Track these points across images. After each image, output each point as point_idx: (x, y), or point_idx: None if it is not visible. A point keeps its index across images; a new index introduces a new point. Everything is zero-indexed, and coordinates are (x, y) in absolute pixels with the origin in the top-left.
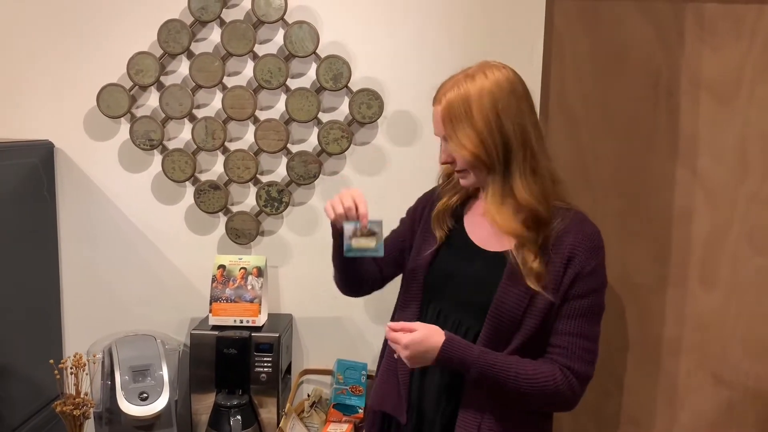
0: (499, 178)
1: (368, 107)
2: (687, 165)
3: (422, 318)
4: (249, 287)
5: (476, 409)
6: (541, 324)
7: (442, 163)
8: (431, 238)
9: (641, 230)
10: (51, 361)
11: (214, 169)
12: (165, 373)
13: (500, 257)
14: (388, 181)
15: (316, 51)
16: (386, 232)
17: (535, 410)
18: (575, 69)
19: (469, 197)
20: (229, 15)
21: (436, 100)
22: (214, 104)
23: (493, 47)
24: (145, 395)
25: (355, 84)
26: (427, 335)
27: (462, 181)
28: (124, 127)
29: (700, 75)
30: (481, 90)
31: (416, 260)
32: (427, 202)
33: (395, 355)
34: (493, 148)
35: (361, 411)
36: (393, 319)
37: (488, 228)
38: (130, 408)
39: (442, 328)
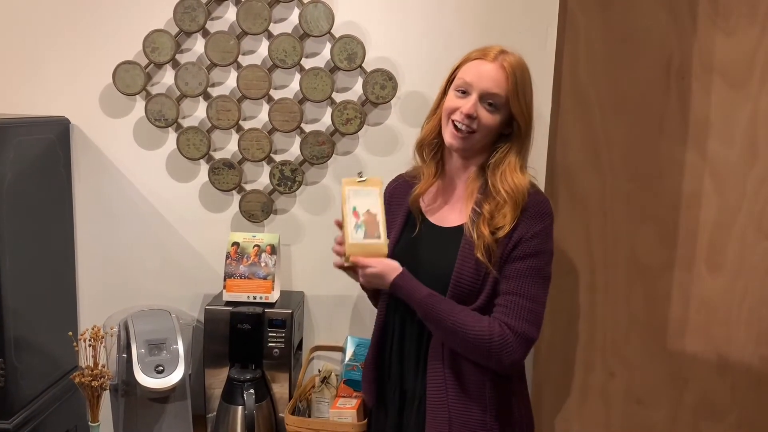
0: (517, 149)
1: (382, 88)
2: (697, 149)
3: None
4: (262, 264)
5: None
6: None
7: (468, 115)
8: (396, 222)
9: (650, 213)
10: (70, 333)
11: (228, 147)
12: (180, 347)
13: (457, 230)
14: (399, 161)
15: (331, 31)
16: None
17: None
18: (588, 51)
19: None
20: None
21: (489, 57)
22: (228, 83)
23: (507, 29)
24: (161, 368)
25: (369, 64)
26: (386, 263)
27: (462, 142)
28: (140, 104)
29: (713, 59)
30: (526, 67)
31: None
32: (395, 190)
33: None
34: (530, 121)
35: None
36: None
37: (443, 206)
38: (146, 380)
39: None
